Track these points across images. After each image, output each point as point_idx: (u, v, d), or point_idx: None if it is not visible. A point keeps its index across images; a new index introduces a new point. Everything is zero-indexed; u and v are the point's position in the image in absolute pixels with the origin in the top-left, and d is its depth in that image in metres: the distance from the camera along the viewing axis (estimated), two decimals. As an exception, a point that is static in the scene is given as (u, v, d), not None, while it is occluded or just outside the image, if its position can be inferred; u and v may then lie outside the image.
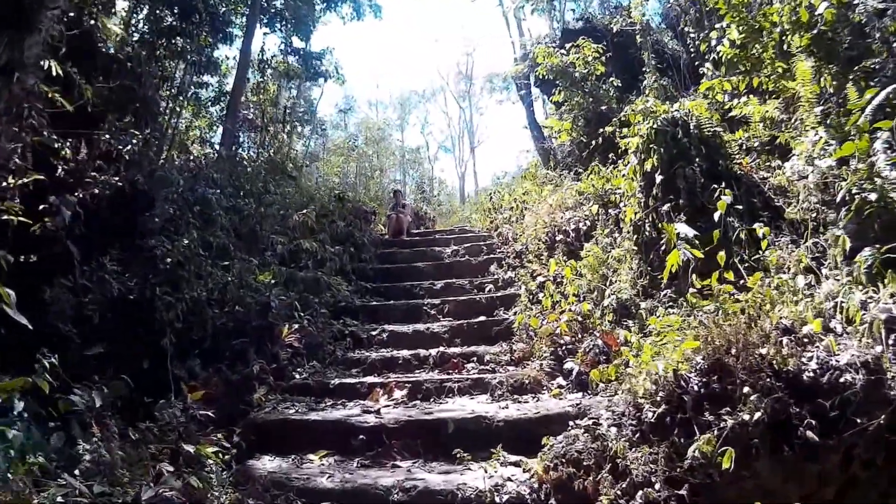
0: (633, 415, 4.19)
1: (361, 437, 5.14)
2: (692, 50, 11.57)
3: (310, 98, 25.98)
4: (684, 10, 13.54)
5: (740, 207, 5.67)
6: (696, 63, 9.93)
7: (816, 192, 5.66)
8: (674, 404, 4.01)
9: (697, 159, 6.15)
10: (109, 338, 6.05)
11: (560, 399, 5.81)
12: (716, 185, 5.71)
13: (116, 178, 6.96)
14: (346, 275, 9.86)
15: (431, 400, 5.95)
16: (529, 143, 22.87)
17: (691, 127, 6.40)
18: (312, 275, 8.48)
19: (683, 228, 5.61)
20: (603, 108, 11.95)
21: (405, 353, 7.32)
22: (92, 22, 7.76)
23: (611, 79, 12.34)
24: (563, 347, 6.69)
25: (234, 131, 15.83)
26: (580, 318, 6.91)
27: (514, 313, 8.13)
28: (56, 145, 5.98)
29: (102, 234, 6.69)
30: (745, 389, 3.78)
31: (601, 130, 10.04)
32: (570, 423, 4.61)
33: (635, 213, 6.87)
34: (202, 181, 9.67)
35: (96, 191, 6.68)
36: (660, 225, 6.30)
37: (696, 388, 3.96)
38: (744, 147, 7.17)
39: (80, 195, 6.37)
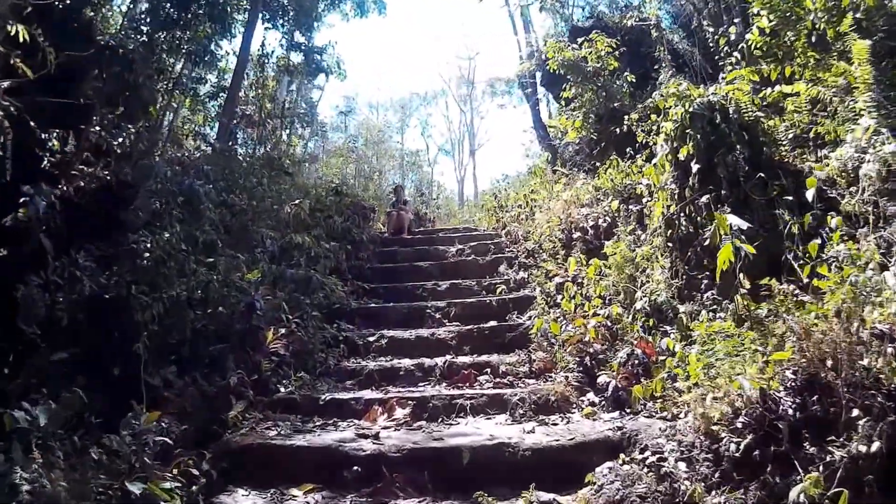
0: (707, 446, 3.31)
1: (356, 468, 4.11)
2: (711, 46, 10.93)
3: (310, 100, 25.60)
4: (698, 8, 13.10)
5: (790, 198, 5.13)
6: (716, 58, 9.32)
7: (877, 181, 5.00)
8: (762, 433, 3.08)
9: (738, 147, 5.53)
10: (79, 341, 5.32)
11: (594, 420, 4.93)
12: (762, 175, 5.24)
13: (105, 172, 6.40)
14: (341, 274, 8.94)
15: (440, 421, 5.00)
16: (531, 145, 23.25)
17: (730, 112, 5.76)
18: (304, 273, 7.51)
19: (736, 220, 4.88)
20: (615, 104, 11.47)
21: (407, 362, 6.40)
22: (91, 13, 7.30)
23: (625, 73, 11.82)
24: (593, 357, 5.79)
25: (231, 127, 15.41)
26: (609, 324, 6.14)
27: (530, 317, 7.36)
28: (42, 136, 5.51)
29: (83, 228, 6.05)
30: (855, 412, 2.88)
31: (613, 127, 9.81)
32: (620, 454, 3.69)
33: (667, 207, 6.17)
34: (192, 174, 8.96)
35: (82, 184, 6.12)
36: (698, 218, 5.65)
37: (790, 411, 3.03)
38: (782, 136, 6.49)
39: (64, 188, 5.84)
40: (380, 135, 39.08)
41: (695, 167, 5.69)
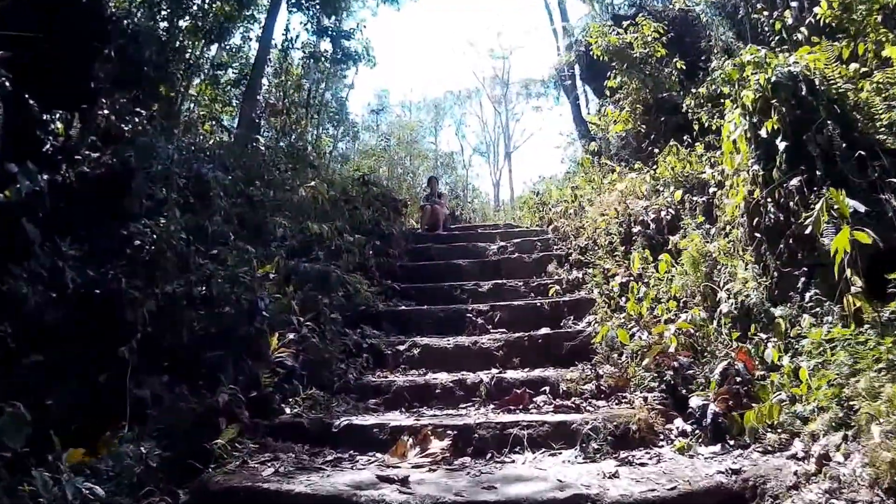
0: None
1: (374, 531, 2.96)
2: (761, 34, 10.03)
3: (341, 98, 24.86)
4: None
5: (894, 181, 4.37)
6: (771, 47, 8.49)
7: None
8: None
9: (829, 123, 4.78)
10: (62, 343, 4.51)
11: (692, 457, 3.77)
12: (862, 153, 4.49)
13: (113, 157, 5.82)
14: (367, 271, 7.82)
15: (489, 458, 3.82)
16: (569, 147, 22.50)
17: (816, 83, 5.03)
18: (321, 268, 6.37)
19: (855, 203, 4.02)
20: (663, 94, 10.74)
21: (444, 377, 5.25)
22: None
23: (674, 60, 10.92)
24: (677, 372, 4.61)
25: (253, 116, 14.46)
26: (691, 331, 5.02)
27: (590, 323, 6.29)
28: (44, 118, 5.12)
29: (80, 217, 5.40)
30: None
31: (663, 118, 9.57)
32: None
33: (749, 193, 5.30)
34: (204, 160, 8.04)
35: (86, 170, 5.55)
36: (790, 204, 4.78)
37: None
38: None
39: (65, 174, 5.34)
40: (413, 134, 37.92)
41: (781, 145, 4.91)
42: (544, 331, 6.20)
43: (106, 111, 6.38)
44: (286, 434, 4.20)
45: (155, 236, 5.53)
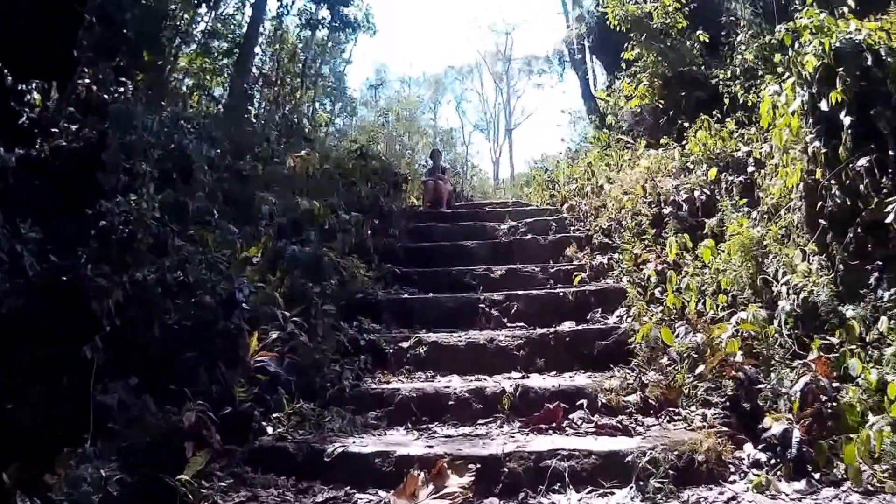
0: None
1: None
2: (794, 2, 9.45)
3: (339, 72, 24.17)
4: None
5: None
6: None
7: None
8: None
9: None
10: (23, 339, 3.76)
11: (773, 497, 3.04)
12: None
13: (93, 130, 5.23)
14: (365, 254, 6.96)
15: (521, 498, 3.02)
16: (569, 127, 22.87)
17: (882, 54, 4.56)
18: (312, 251, 5.53)
19: None
20: (683, 68, 10.45)
21: (458, 383, 4.45)
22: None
23: (697, 32, 10.51)
24: (742, 384, 3.84)
25: (246, 87, 13.99)
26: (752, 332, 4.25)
27: (621, 317, 5.53)
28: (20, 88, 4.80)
29: (51, 195, 4.79)
30: None
31: (684, 92, 9.40)
32: None
33: (807, 173, 4.76)
34: (189, 132, 7.37)
35: (63, 143, 5.02)
36: (859, 187, 4.25)
37: None
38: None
39: (41, 147, 4.82)
40: (412, 110, 37.98)
41: (846, 120, 4.40)
42: (570, 326, 5.42)
43: (87, 80, 5.82)
44: (267, 462, 3.37)
45: (119, 213, 4.74)
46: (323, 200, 6.57)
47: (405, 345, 5.17)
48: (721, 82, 8.48)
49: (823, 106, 4.51)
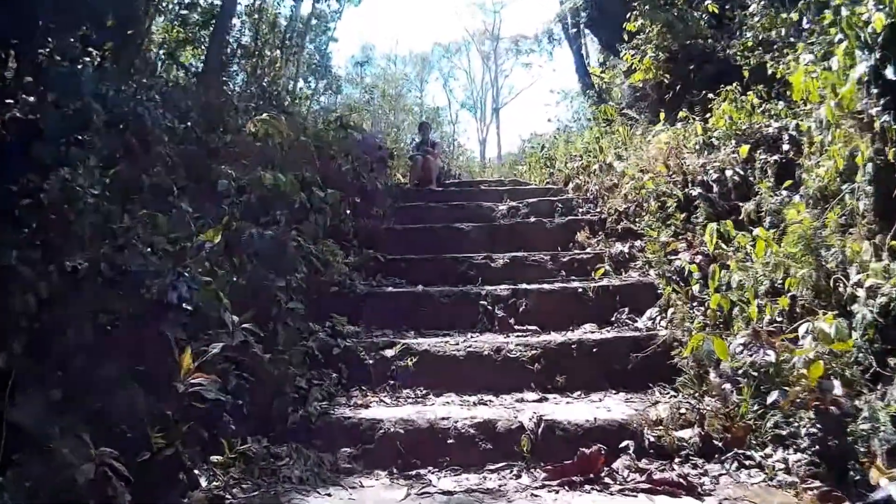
0: None
1: None
2: None
3: (323, 49, 23.52)
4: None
5: None
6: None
7: None
8: None
9: None
10: None
11: None
12: None
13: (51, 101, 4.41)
14: (343, 237, 5.93)
15: None
16: (555, 107, 22.14)
17: None
18: (276, 235, 4.48)
19: None
20: (689, 41, 9.92)
21: (457, 412, 3.45)
22: None
23: (706, 2, 9.73)
24: (832, 419, 2.92)
25: (223, 56, 12.92)
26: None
27: (653, 320, 4.64)
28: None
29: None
30: None
31: (691, 67, 9.19)
32: None
33: (876, 151, 3.98)
34: (153, 101, 6.39)
35: (17, 114, 4.24)
36: None
37: None
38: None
39: None
40: (398, 88, 37.05)
41: None
42: (593, 330, 4.49)
43: (46, 49, 4.84)
44: (194, 539, 2.41)
45: (49, 188, 3.67)
46: (294, 175, 5.54)
47: (389, 353, 4.15)
48: (738, 54, 7.89)
49: (889, 73, 3.80)
